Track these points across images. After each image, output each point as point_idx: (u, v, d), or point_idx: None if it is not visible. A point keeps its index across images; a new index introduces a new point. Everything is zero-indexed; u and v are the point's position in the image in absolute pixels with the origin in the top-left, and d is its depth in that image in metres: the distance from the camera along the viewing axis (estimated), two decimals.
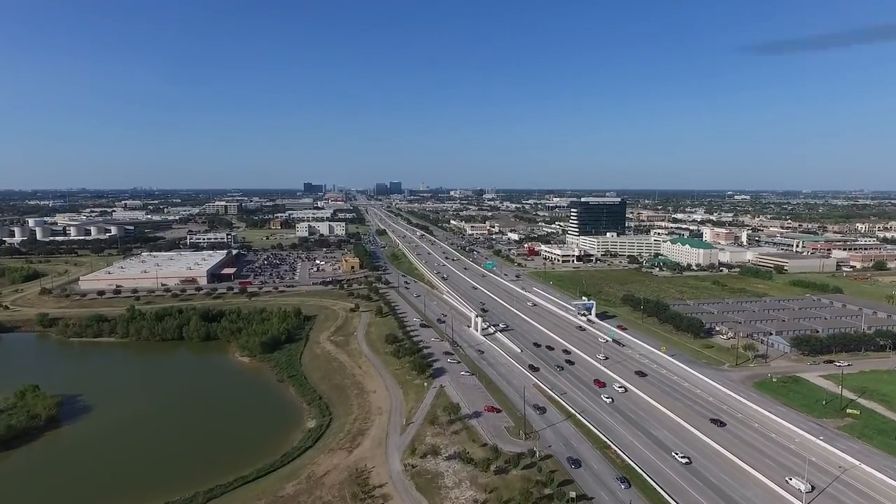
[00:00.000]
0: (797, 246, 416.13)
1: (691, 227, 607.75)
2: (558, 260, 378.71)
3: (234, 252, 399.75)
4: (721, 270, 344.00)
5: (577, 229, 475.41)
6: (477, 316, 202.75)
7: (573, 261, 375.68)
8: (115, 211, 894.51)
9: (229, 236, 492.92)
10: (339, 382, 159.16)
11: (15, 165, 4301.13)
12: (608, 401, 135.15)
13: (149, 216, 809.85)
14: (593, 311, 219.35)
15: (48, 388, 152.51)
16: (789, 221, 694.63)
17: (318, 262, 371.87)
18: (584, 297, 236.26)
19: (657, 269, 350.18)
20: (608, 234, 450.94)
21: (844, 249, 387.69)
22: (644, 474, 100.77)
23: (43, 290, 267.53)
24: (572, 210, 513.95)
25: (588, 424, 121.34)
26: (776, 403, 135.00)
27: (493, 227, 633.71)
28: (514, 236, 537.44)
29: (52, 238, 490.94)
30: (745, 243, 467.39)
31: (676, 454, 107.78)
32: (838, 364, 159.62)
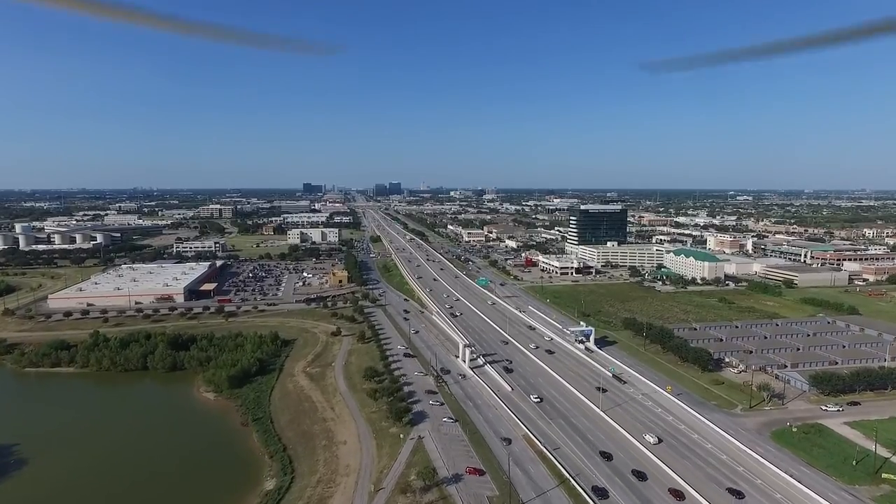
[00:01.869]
0: (806, 256, 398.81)
1: (694, 233, 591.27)
2: (556, 272, 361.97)
3: (220, 264, 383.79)
4: (727, 284, 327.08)
5: (576, 237, 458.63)
6: (465, 346, 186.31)
7: (572, 273, 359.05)
8: (107, 214, 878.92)
9: (217, 244, 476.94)
10: (308, 429, 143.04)
11: (14, 165, 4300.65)
12: (611, 474, 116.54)
13: (140, 221, 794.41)
14: (592, 338, 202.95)
15: None
16: (794, 226, 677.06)
17: (305, 274, 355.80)
18: (581, 323, 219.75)
19: (660, 282, 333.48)
20: (608, 244, 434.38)
21: (856, 260, 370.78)
22: None
23: (6, 310, 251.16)
24: (571, 218, 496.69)
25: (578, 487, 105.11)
26: (799, 462, 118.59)
27: (491, 232, 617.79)
28: (512, 244, 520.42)
29: (33, 247, 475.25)
30: (750, 252, 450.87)
31: None
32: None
